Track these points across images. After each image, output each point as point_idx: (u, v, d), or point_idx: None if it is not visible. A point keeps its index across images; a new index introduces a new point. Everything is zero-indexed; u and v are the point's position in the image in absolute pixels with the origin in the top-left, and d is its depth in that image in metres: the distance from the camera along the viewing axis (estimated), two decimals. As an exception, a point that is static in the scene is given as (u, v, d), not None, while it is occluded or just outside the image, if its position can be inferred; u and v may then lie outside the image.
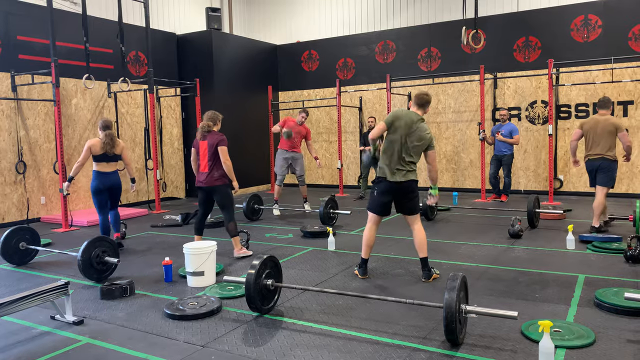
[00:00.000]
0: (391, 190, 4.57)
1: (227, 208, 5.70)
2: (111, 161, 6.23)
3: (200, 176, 5.68)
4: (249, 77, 11.93)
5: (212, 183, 5.59)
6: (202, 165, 5.65)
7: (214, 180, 5.59)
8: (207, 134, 5.65)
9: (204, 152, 5.63)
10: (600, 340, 3.27)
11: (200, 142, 5.68)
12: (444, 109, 10.91)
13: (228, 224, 5.68)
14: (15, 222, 7.99)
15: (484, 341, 3.30)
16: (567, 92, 9.72)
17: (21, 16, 8.27)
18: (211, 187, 5.61)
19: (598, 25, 9.37)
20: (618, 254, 5.33)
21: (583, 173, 9.66)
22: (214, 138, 5.60)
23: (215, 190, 5.64)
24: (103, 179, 6.14)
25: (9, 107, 8.11)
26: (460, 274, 3.32)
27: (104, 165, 6.17)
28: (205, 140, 5.63)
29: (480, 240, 6.21)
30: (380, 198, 4.63)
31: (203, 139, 5.66)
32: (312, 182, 12.51)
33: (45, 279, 5.02)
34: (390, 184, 4.54)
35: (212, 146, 5.57)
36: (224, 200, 5.68)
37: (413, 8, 11.80)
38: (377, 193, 4.64)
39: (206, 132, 5.65)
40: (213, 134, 5.64)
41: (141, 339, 3.53)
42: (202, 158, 5.64)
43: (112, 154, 6.19)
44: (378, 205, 4.65)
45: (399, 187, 4.54)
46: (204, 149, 5.64)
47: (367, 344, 3.34)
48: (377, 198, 4.65)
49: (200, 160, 5.68)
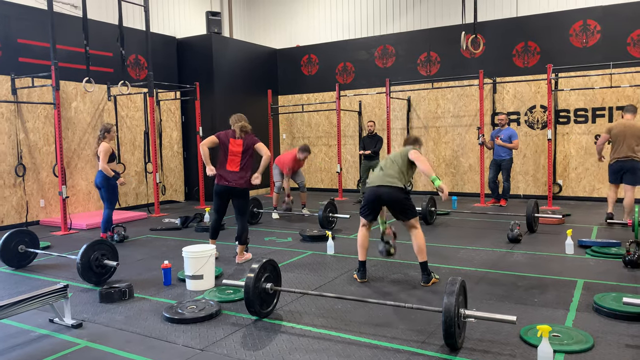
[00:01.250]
0: (373, 195, 4.69)
1: (244, 214, 5.54)
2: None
3: (228, 175, 5.39)
4: (249, 81, 11.95)
5: (242, 184, 5.40)
6: (232, 164, 5.40)
7: (244, 182, 5.41)
8: (245, 134, 5.46)
9: (237, 151, 5.39)
10: (599, 345, 3.27)
11: (233, 140, 5.43)
12: (443, 113, 10.93)
13: (243, 232, 5.53)
14: (14, 225, 7.97)
15: (482, 345, 3.31)
16: (566, 97, 9.74)
17: (22, 19, 8.29)
18: (239, 188, 5.39)
19: (597, 31, 9.41)
20: (617, 259, 5.33)
21: (582, 178, 9.69)
22: (251, 139, 5.46)
23: (241, 193, 5.44)
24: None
25: (9, 110, 8.12)
26: (459, 278, 3.32)
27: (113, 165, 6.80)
28: (242, 139, 5.43)
29: (479, 245, 6.22)
30: (366, 203, 4.78)
31: (239, 138, 5.43)
32: (311, 186, 12.52)
33: (44, 282, 5.02)
34: (371, 189, 4.72)
35: (248, 147, 5.42)
36: (245, 206, 5.52)
37: (412, 13, 11.84)
38: (365, 197, 4.84)
39: (246, 132, 5.47)
40: (250, 136, 5.48)
41: (140, 342, 3.52)
42: (233, 156, 5.40)
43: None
44: (363, 209, 4.80)
45: (380, 191, 4.63)
46: (237, 147, 5.40)
47: (366, 348, 3.33)
48: (364, 203, 4.81)
49: (229, 158, 5.41)
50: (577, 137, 9.70)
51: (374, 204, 4.73)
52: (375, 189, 4.67)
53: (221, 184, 5.42)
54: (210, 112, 10.80)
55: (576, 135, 9.71)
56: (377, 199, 4.68)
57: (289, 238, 6.92)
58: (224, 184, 5.40)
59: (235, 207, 5.55)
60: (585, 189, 9.70)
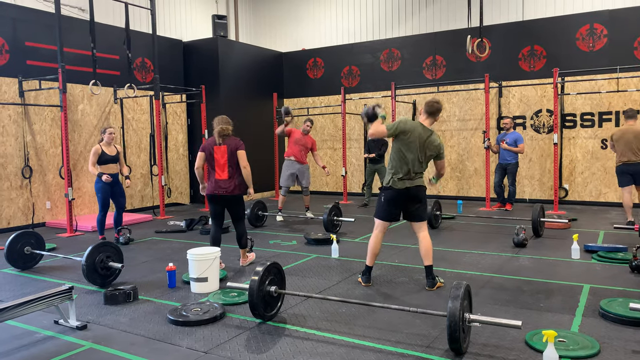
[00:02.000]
0: (399, 198, 4.59)
1: (242, 219, 5.46)
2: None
3: (219, 184, 5.26)
4: (254, 84, 11.98)
5: (235, 192, 5.26)
6: (220, 172, 5.26)
7: (236, 188, 5.27)
8: (227, 137, 5.29)
9: (222, 158, 5.24)
10: (605, 350, 3.24)
11: (217, 148, 5.26)
12: (449, 117, 10.91)
13: (243, 237, 5.45)
14: (20, 227, 8.02)
15: (487, 350, 3.29)
16: (573, 101, 9.71)
17: (29, 23, 8.35)
18: (232, 195, 5.26)
19: (604, 35, 9.38)
20: (623, 264, 5.30)
21: (588, 182, 9.64)
22: (234, 142, 5.27)
23: (235, 200, 5.32)
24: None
25: (16, 113, 8.17)
26: (464, 282, 3.31)
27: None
28: (225, 145, 5.25)
29: (485, 249, 6.19)
30: (387, 205, 4.63)
31: (221, 144, 5.26)
32: (316, 190, 12.52)
33: (50, 284, 5.03)
34: (398, 192, 4.55)
35: (232, 151, 5.24)
36: (241, 212, 5.42)
37: (418, 16, 11.84)
38: (385, 200, 4.64)
39: (225, 136, 5.28)
40: (232, 139, 5.30)
41: (144, 344, 3.53)
42: (220, 164, 5.25)
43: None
44: (385, 212, 4.66)
45: (406, 193, 4.56)
46: (221, 154, 5.24)
47: (370, 352, 3.32)
48: (384, 205, 4.64)
49: (216, 167, 5.27)
50: (583, 142, 9.66)
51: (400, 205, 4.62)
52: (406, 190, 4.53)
53: (212, 193, 5.30)
54: (216, 114, 10.58)
55: (582, 139, 9.66)
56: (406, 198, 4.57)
57: (293, 241, 6.92)
58: (217, 192, 5.27)
59: (230, 214, 5.43)
60: (592, 193, 9.64)
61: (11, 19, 8.12)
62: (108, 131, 6.88)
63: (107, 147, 6.88)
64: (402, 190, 4.54)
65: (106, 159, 6.82)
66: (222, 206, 5.40)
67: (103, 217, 6.96)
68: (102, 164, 6.79)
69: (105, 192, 6.81)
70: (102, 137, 6.90)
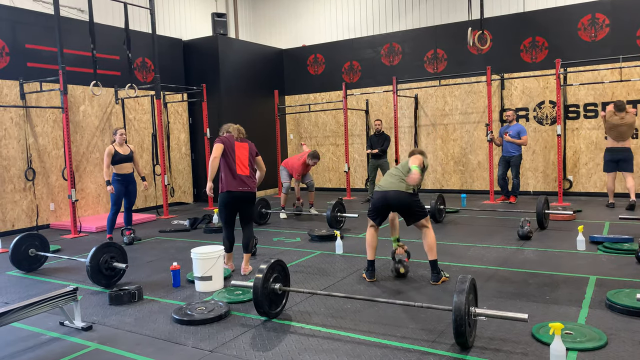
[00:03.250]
0: (382, 199, 4.67)
1: (251, 222, 5.36)
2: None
3: (242, 179, 5.10)
4: (255, 81, 11.96)
5: (254, 188, 5.22)
6: (243, 168, 5.13)
7: (255, 185, 5.25)
8: (245, 138, 5.32)
9: (243, 155, 5.16)
10: (613, 342, 3.22)
11: (239, 144, 5.18)
12: (451, 110, 10.87)
13: (251, 240, 5.26)
14: (24, 229, 8.04)
15: (494, 344, 3.27)
16: (575, 92, 9.65)
17: (29, 25, 8.35)
18: (252, 192, 5.17)
19: (605, 24, 9.31)
20: (629, 255, 5.27)
21: (593, 174, 9.59)
22: (252, 146, 5.31)
23: (252, 197, 5.22)
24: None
25: (18, 115, 8.18)
26: (469, 276, 3.29)
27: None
28: (246, 143, 5.25)
29: (490, 242, 6.17)
30: (373, 207, 4.77)
31: (242, 141, 5.24)
32: (319, 186, 12.50)
33: (55, 285, 5.04)
34: (379, 193, 4.70)
35: (253, 151, 5.27)
36: (254, 212, 5.35)
37: (418, 10, 11.79)
38: (372, 202, 4.81)
39: (244, 136, 5.32)
40: (250, 142, 5.33)
41: (149, 344, 3.53)
42: (242, 160, 5.14)
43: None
44: (373, 213, 4.78)
45: (388, 195, 4.62)
46: (244, 150, 5.19)
47: (375, 347, 3.31)
48: (372, 207, 4.79)
49: (237, 161, 5.11)
50: (587, 132, 9.60)
51: (382, 209, 4.72)
52: (384, 194, 4.65)
53: (235, 191, 5.05)
54: (218, 113, 10.81)
55: (586, 130, 9.61)
56: (385, 203, 4.67)
57: (297, 238, 6.91)
58: (241, 189, 5.06)
59: (244, 214, 5.25)
60: (596, 184, 9.60)
61: (11, 22, 8.11)
62: (119, 132, 6.97)
63: (120, 147, 6.95)
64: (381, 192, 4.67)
65: (120, 159, 6.89)
66: (237, 208, 5.21)
67: (114, 215, 6.98)
68: (116, 163, 6.88)
69: (119, 190, 6.88)
70: (114, 138, 7.01)
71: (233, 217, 5.24)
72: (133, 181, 7.10)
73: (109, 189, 6.74)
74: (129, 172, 7.03)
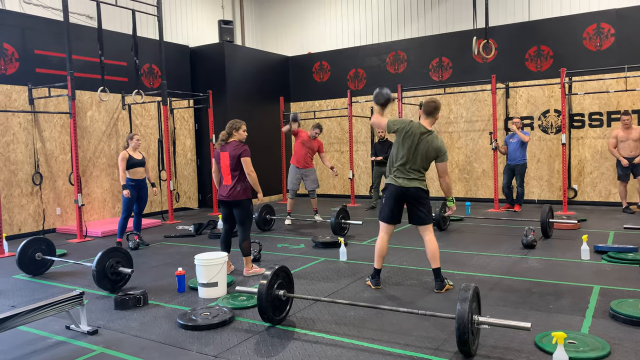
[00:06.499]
0: (397, 196, 4.59)
1: (245, 224, 5.44)
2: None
3: (222, 189, 5.37)
4: (261, 88, 12.03)
5: (235, 197, 5.28)
6: (225, 177, 5.34)
7: (237, 193, 5.28)
8: (225, 144, 5.34)
9: (225, 164, 5.32)
10: (616, 352, 3.22)
11: (221, 153, 5.35)
12: (456, 118, 10.89)
13: (243, 242, 5.37)
14: (31, 233, 8.09)
15: (497, 352, 3.28)
16: (580, 101, 9.65)
17: (38, 31, 8.45)
18: (234, 200, 5.30)
19: (611, 34, 9.33)
20: (634, 265, 5.26)
21: (597, 183, 9.57)
22: (235, 148, 5.27)
23: (237, 204, 5.32)
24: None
25: (26, 120, 8.26)
26: (473, 284, 3.30)
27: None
28: (226, 151, 5.32)
29: (494, 251, 6.17)
30: (388, 203, 4.64)
31: (223, 150, 5.34)
32: (323, 192, 12.53)
33: (61, 289, 5.08)
34: (395, 188, 4.59)
35: (233, 157, 5.26)
36: (244, 216, 5.41)
37: (424, 18, 11.84)
38: (385, 199, 4.68)
39: (224, 142, 5.35)
40: (232, 144, 5.31)
41: (154, 349, 3.55)
42: (224, 170, 5.33)
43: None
44: (385, 212, 4.67)
45: (405, 192, 4.56)
46: (225, 160, 5.32)
47: (379, 355, 3.33)
48: (385, 204, 4.68)
49: (222, 172, 5.37)
50: (592, 141, 9.60)
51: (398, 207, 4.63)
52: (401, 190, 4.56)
53: (219, 199, 5.45)
54: (223, 119, 10.83)
55: (591, 139, 9.60)
56: (401, 194, 4.57)
57: (301, 244, 6.93)
58: (221, 198, 5.40)
59: (234, 218, 5.49)
60: (601, 193, 9.58)
61: (20, 28, 8.22)
62: (135, 137, 7.07)
63: (133, 152, 7.02)
64: (398, 188, 4.56)
65: (134, 163, 6.96)
66: (229, 211, 5.47)
67: (125, 220, 7.00)
68: (129, 168, 6.94)
69: (132, 195, 6.93)
70: (128, 142, 7.06)
71: (228, 216, 5.52)
72: (145, 187, 7.15)
73: (125, 193, 6.79)
74: (142, 178, 7.10)
